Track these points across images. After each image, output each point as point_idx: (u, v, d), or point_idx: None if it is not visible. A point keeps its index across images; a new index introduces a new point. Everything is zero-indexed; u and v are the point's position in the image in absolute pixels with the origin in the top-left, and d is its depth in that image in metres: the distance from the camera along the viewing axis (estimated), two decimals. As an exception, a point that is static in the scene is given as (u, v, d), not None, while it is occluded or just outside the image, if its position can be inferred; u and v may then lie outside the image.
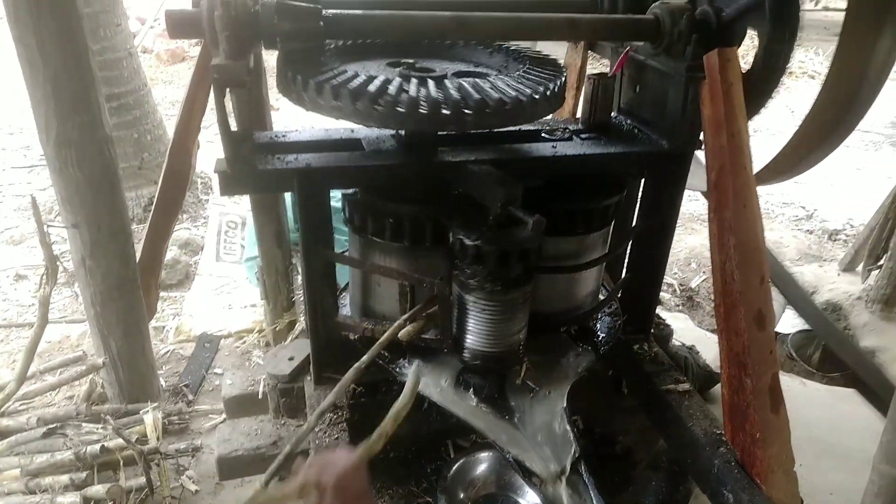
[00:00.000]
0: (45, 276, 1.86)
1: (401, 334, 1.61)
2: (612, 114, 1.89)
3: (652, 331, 2.07)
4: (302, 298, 2.26)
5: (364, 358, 1.50)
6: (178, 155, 2.06)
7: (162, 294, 2.91)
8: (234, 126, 1.42)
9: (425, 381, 1.69)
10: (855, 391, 2.69)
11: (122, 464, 1.70)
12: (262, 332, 2.73)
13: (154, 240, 2.18)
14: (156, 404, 1.96)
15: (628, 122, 1.87)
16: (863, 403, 2.57)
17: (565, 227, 1.71)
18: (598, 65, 4.08)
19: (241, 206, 3.75)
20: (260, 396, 1.97)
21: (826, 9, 9.70)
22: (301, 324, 2.15)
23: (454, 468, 1.88)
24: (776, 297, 3.32)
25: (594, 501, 1.48)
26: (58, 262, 1.89)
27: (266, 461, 1.81)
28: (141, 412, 1.92)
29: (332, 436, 1.66)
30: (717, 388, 2.15)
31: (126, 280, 1.97)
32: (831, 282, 3.45)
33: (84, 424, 1.83)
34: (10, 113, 5.58)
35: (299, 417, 1.87)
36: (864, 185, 5.32)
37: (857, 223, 4.36)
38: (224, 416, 2.03)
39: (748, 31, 1.58)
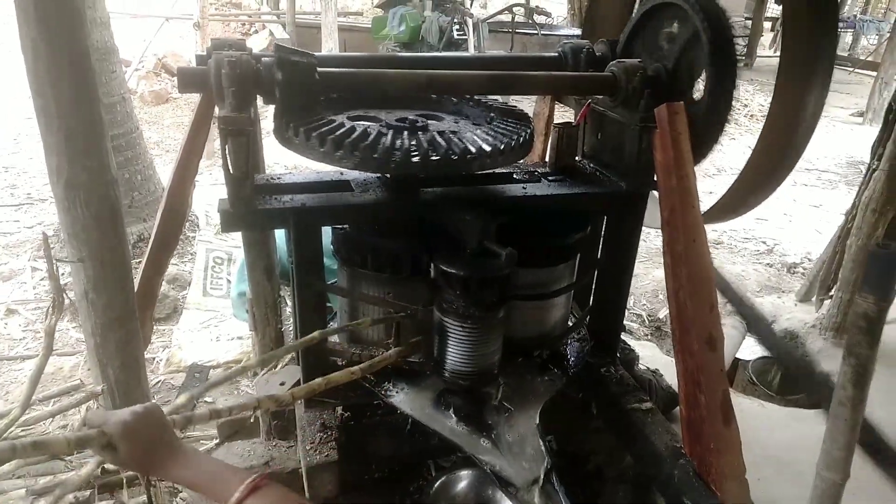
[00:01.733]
0: (51, 308, 1.97)
1: (387, 358, 1.76)
2: (577, 158, 2.09)
3: (618, 355, 2.24)
4: (290, 329, 2.40)
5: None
6: (177, 195, 2.21)
7: (151, 327, 3.01)
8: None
9: (409, 401, 1.83)
10: (813, 412, 2.88)
11: (124, 482, 1.80)
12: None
13: (150, 274, 2.31)
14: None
15: (591, 165, 2.07)
16: (818, 424, 2.74)
17: (535, 260, 1.89)
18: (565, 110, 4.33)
19: (227, 242, 3.88)
20: (251, 420, 2.09)
21: (784, 54, 10.21)
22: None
23: (436, 485, 2.01)
24: (737, 326, 3.52)
25: (564, 508, 1.62)
26: (64, 295, 2.00)
27: (259, 481, 1.93)
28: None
29: (322, 453, 1.79)
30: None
31: (125, 312, 2.09)
32: (789, 311, 3.67)
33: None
34: (-5, 153, 5.70)
35: (290, 439, 1.99)
36: (821, 221, 5.63)
37: (815, 257, 4.62)
38: (217, 440, 2.13)
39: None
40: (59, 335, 3.11)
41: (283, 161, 5.69)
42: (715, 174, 6.59)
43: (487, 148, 1.61)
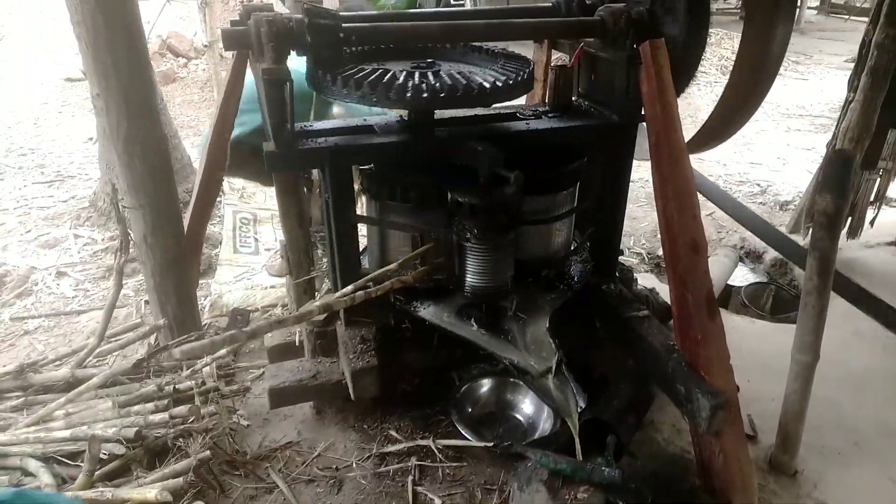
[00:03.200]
0: (119, 248, 2.25)
1: (412, 276, 2.03)
2: (573, 97, 2.33)
3: (617, 274, 2.50)
4: (326, 267, 2.67)
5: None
6: (216, 149, 2.46)
7: (191, 280, 3.29)
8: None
9: (436, 315, 2.10)
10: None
11: (197, 393, 2.09)
12: (286, 305, 3.13)
13: (196, 222, 2.57)
14: (211, 356, 2.35)
15: (586, 103, 2.31)
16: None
17: (539, 188, 2.14)
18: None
19: (251, 204, 4.16)
20: (297, 344, 2.37)
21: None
22: (326, 285, 2.53)
23: (463, 389, 2.30)
24: (730, 255, 3.78)
25: (574, 391, 1.90)
26: (129, 238, 2.27)
27: (307, 391, 2.21)
28: (199, 362, 2.32)
29: (364, 360, 2.07)
30: (674, 320, 2.59)
31: (179, 254, 2.37)
32: (779, 242, 3.92)
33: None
34: (19, 137, 5.96)
35: (332, 356, 2.27)
36: (814, 162, 5.83)
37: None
38: (267, 364, 2.43)
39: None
40: (107, 293, 3.41)
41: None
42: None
43: (498, 83, 1.86)
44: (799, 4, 11.70)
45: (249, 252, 3.80)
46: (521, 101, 2.67)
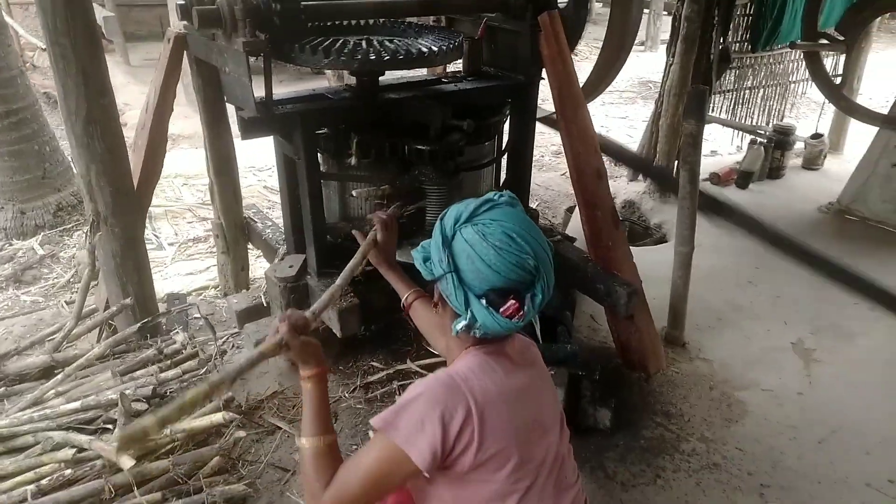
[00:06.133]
0: (91, 229, 2.27)
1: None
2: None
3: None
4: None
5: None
6: (157, 132, 2.54)
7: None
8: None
9: (400, 255, 2.42)
10: (656, 246, 3.89)
11: (200, 349, 2.21)
12: (217, 286, 3.23)
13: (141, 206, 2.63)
14: (181, 327, 2.45)
15: (492, 69, 2.75)
16: (660, 252, 3.74)
17: (474, 138, 2.54)
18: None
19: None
20: (265, 304, 2.55)
21: None
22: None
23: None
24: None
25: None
26: (100, 214, 2.29)
27: (291, 340, 2.42)
28: (171, 334, 2.42)
29: (347, 301, 2.33)
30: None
31: (137, 233, 2.44)
32: (624, 189, 4.71)
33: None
34: None
35: (304, 308, 2.49)
36: (629, 128, 6.91)
37: (631, 153, 5.78)
38: (232, 331, 2.58)
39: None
40: (10, 302, 3.25)
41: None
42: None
43: (435, 48, 2.23)
44: (589, -1, 13.30)
45: (152, 248, 3.78)
46: (422, 71, 3.09)
